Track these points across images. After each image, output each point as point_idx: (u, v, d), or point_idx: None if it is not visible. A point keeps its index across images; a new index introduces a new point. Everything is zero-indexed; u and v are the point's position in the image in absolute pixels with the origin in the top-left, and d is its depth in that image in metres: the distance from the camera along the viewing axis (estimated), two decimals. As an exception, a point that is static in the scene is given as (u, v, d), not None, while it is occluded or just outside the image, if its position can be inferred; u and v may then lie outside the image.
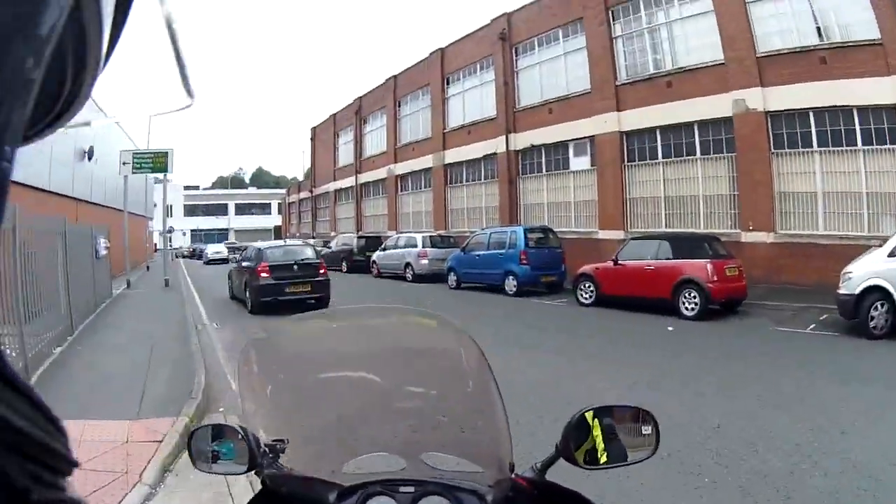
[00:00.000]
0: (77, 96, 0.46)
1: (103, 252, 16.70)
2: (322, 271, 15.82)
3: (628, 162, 20.68)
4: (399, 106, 35.30)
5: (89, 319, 13.24)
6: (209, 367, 8.68)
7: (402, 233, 28.72)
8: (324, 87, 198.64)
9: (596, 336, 11.35)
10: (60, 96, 0.45)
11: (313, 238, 42.99)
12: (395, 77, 35.71)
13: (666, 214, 19.61)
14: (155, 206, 79.14)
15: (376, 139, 38.89)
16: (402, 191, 35.10)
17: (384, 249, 25.84)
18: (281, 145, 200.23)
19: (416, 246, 23.59)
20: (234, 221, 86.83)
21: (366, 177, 39.99)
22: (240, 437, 1.59)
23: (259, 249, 16.41)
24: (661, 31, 19.84)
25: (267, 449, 1.61)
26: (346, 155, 44.35)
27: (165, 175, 24.88)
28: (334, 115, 46.35)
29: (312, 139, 52.55)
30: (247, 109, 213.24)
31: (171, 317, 13.83)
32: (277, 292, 14.80)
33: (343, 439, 1.80)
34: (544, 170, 24.21)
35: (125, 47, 0.50)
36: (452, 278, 20.57)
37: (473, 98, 28.52)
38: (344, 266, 29.25)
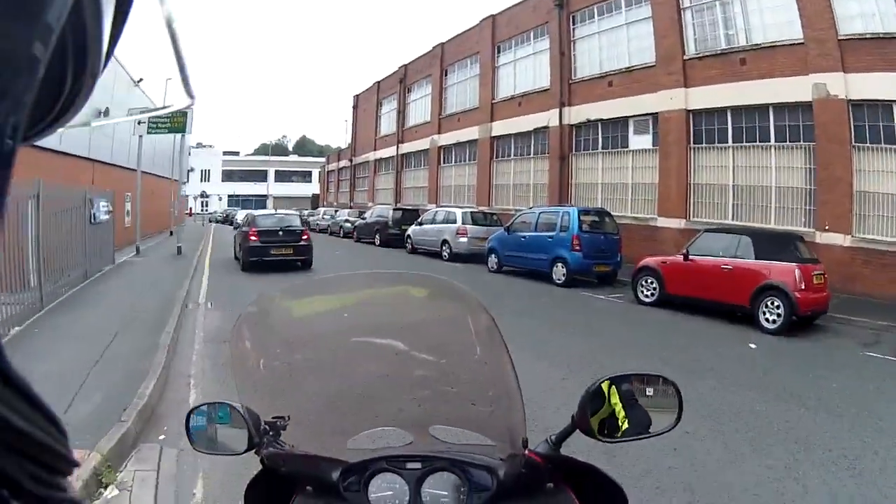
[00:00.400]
0: (77, 96, 0.47)
1: (104, 217, 15.72)
2: (305, 237, 18.14)
3: (694, 143, 18.93)
4: (446, 74, 33.92)
5: (71, 292, 12.04)
6: (173, 369, 7.34)
7: (441, 206, 27.42)
8: (370, 54, 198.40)
9: (670, 355, 8.69)
10: (60, 96, 0.45)
11: (350, 208, 42.16)
12: (442, 45, 34.37)
13: (734, 205, 17.89)
14: (192, 170, 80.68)
15: (420, 108, 37.55)
16: (444, 163, 33.77)
17: (420, 224, 24.41)
18: (327, 115, 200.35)
19: (455, 222, 21.93)
20: (272, 188, 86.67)
21: (407, 147, 38.59)
22: (238, 415, 1.54)
23: (252, 216, 19.34)
24: (734, 5, 18.04)
25: (267, 427, 1.54)
26: (388, 124, 43.14)
27: (184, 136, 23.40)
28: (378, 82, 45.23)
29: (355, 107, 51.41)
30: (294, 77, 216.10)
31: (163, 292, 12.50)
32: (263, 253, 17.27)
33: (346, 415, 1.74)
34: (600, 147, 22.47)
35: (125, 47, 0.51)
36: (493, 260, 18.77)
37: (526, 68, 26.88)
38: (377, 239, 28.19)
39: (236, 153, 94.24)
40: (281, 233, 17.83)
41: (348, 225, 34.35)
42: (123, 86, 23.11)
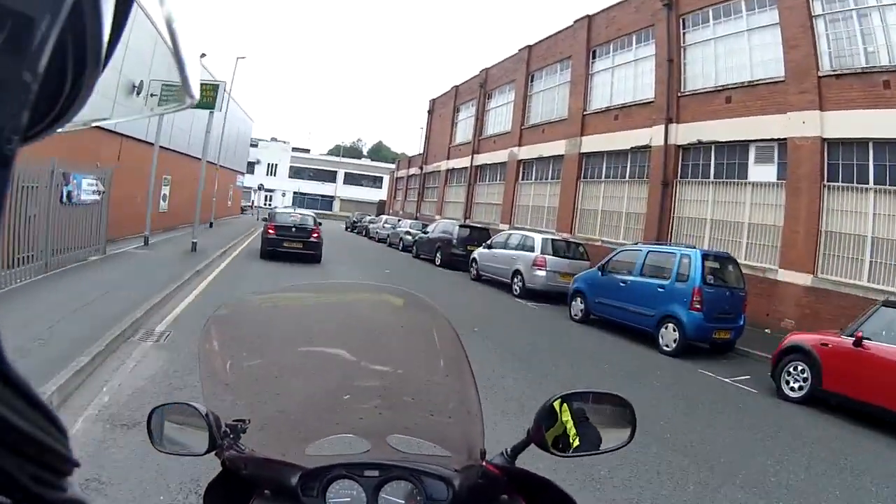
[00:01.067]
0: (77, 96, 0.48)
1: (89, 197, 14.01)
2: (315, 235, 21.29)
3: (829, 181, 15.56)
4: (531, 80, 31.25)
5: (8, 288, 10.06)
6: None
7: (515, 229, 24.72)
8: (453, 57, 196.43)
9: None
10: (60, 96, 0.47)
11: (416, 219, 39.89)
12: (529, 47, 31.63)
13: (873, 263, 14.51)
14: (257, 162, 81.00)
15: (500, 117, 34.85)
16: (523, 179, 30.92)
17: (489, 247, 21.55)
18: (405, 122, 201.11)
19: (532, 249, 18.74)
20: (340, 190, 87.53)
21: (483, 158, 35.91)
22: (200, 416, 1.57)
23: (273, 213, 23.44)
24: (873, 17, 14.88)
25: (228, 429, 1.59)
26: (464, 132, 40.67)
27: (212, 112, 21.39)
28: (456, 87, 42.83)
29: (430, 112, 49.20)
30: (374, 80, 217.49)
31: (119, 305, 9.76)
32: (277, 245, 20.69)
33: (306, 420, 1.82)
34: (712, 175, 19.10)
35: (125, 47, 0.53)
36: (578, 306, 15.30)
37: (625, 76, 23.90)
38: (437, 258, 25.96)
39: (307, 150, 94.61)
40: (294, 229, 21.15)
41: (409, 238, 32.37)
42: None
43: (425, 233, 29.05)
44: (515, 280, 18.94)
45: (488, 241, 22.04)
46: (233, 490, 1.61)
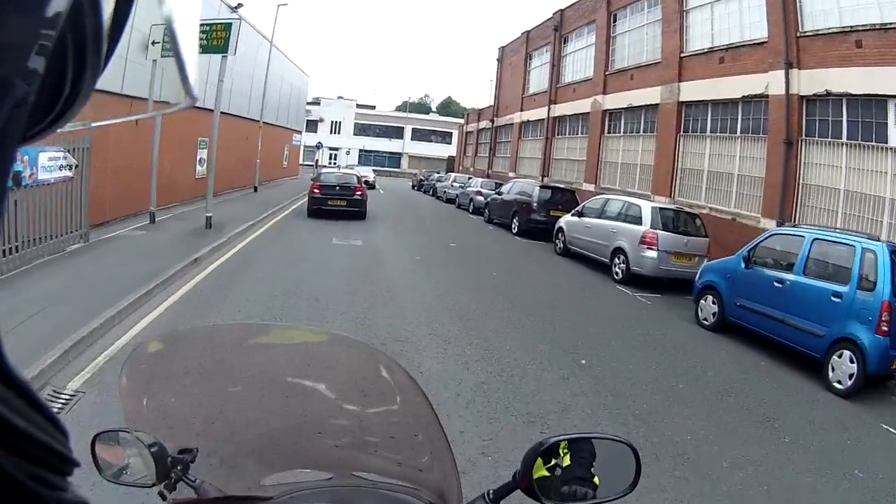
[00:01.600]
0: (77, 96, 0.49)
1: (53, 175, 11.49)
2: (358, 192, 23.11)
3: None
4: (615, 20, 28.12)
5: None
6: None
7: (608, 191, 22.48)
8: (522, 2, 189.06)
9: None
10: (60, 96, 0.48)
11: (487, 177, 37.73)
12: (610, -20, 28.30)
13: None
14: (321, 121, 79.96)
15: (580, 63, 31.67)
16: (610, 132, 27.98)
17: (580, 215, 18.59)
18: (472, 75, 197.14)
19: (638, 221, 15.63)
20: (408, 146, 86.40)
21: (562, 109, 32.81)
22: (146, 444, 1.53)
23: (318, 173, 25.85)
24: None
25: (173, 461, 1.56)
26: (538, 80, 37.43)
27: (224, 57, 17.40)
28: (527, 32, 39.63)
29: (499, 60, 45.88)
30: (439, 33, 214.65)
31: (50, 331, 7.25)
32: (322, 203, 22.48)
33: (262, 453, 1.79)
34: (844, 136, 16.06)
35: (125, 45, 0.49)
36: (709, 307, 11.95)
37: (729, 11, 20.66)
38: (515, 224, 23.84)
39: (372, 107, 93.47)
40: (338, 187, 23.09)
41: (480, 199, 30.00)
42: (214, 13, 22.38)
43: (499, 193, 26.49)
44: (616, 261, 16.07)
45: (579, 208, 19.21)
46: None
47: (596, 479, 1.47)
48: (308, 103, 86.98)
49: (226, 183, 26.79)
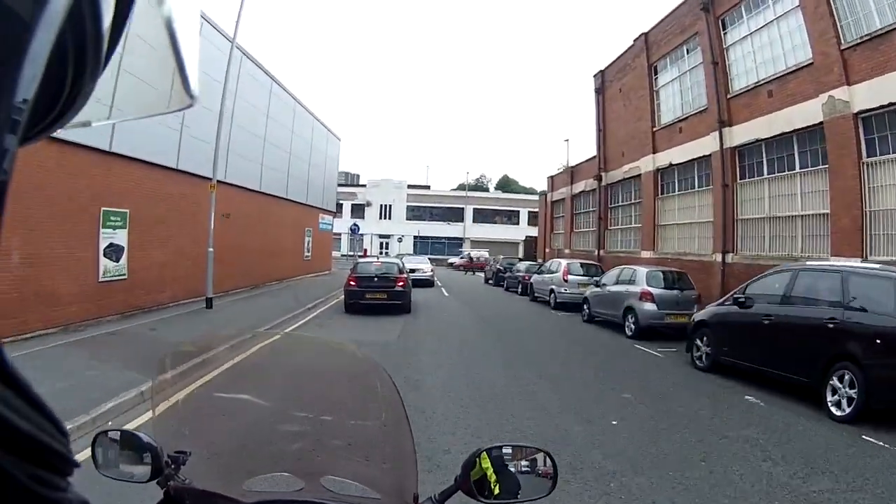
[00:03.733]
0: (77, 96, 0.50)
1: None
2: (400, 283, 20.81)
3: None
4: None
5: None
6: None
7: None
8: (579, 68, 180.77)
9: None
10: (60, 96, 0.49)
11: (599, 260, 29.86)
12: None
13: None
14: (368, 204, 71.31)
15: (760, 49, 19.86)
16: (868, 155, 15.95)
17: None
18: (530, 155, 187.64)
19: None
20: (470, 230, 79.12)
21: (745, 130, 20.32)
22: (144, 444, 1.72)
23: (355, 263, 23.61)
24: None
25: (170, 460, 1.72)
26: (675, 101, 25.79)
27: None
28: (645, 34, 28.46)
29: (599, 91, 34.38)
30: (492, 114, 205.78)
31: None
32: (360, 297, 20.45)
33: (246, 457, 1.99)
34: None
35: (125, 47, 0.55)
36: None
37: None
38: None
39: (427, 187, 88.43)
40: (376, 279, 20.72)
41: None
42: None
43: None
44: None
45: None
46: None
47: (519, 482, 1.72)
48: (352, 185, 78.45)
49: (158, 290, 17.97)
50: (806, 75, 17.12)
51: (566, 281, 24.57)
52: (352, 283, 20.76)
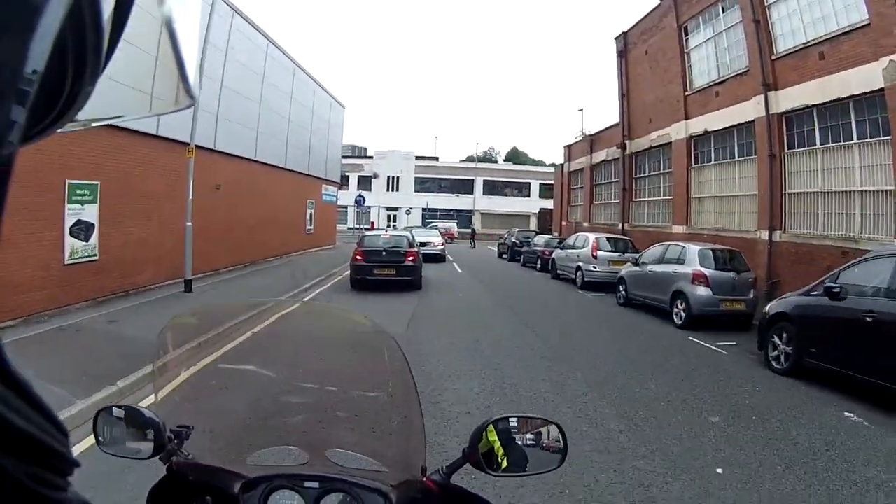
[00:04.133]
0: (77, 96, 0.50)
1: None
2: (410, 258, 19.92)
3: None
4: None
5: None
6: None
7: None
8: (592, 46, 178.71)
9: None
10: (60, 96, 0.49)
11: (623, 233, 28.03)
12: None
13: None
14: (375, 176, 70.19)
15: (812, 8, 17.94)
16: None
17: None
18: (539, 127, 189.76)
19: None
20: (480, 202, 77.57)
21: (790, 96, 18.57)
22: (146, 420, 1.68)
23: (361, 236, 22.87)
24: None
25: (172, 435, 1.70)
26: (711, 63, 23.62)
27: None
28: None
29: (621, 54, 31.84)
30: (501, 84, 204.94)
31: None
32: (367, 272, 19.54)
33: (249, 431, 1.99)
34: None
35: (125, 47, 0.55)
36: None
37: None
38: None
39: (435, 158, 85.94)
40: (384, 253, 19.84)
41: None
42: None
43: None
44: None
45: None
46: (175, 495, 1.67)
47: (526, 454, 1.67)
48: (359, 157, 76.86)
49: (137, 272, 16.15)
50: (861, 36, 15.55)
51: (595, 258, 22.78)
52: (358, 257, 19.84)
